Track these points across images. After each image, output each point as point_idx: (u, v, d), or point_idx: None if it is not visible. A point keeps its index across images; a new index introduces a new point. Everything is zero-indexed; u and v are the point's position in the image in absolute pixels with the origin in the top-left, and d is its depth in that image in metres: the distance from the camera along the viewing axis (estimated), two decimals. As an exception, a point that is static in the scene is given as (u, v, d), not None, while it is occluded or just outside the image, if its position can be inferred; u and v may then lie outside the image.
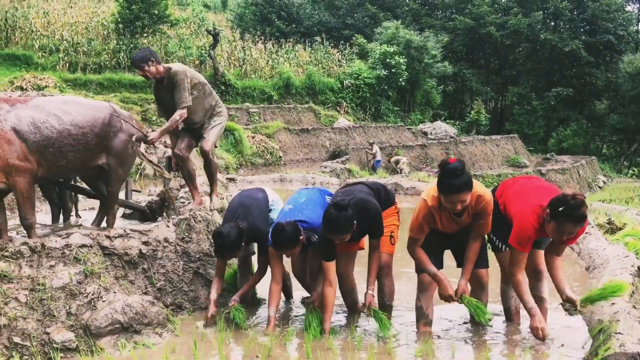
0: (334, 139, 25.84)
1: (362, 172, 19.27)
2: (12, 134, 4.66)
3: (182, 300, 4.72)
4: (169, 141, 6.89)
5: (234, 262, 5.25)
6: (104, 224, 5.90)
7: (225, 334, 4.12)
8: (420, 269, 4.25)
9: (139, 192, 9.07)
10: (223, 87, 25.67)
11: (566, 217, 3.62)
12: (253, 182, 15.15)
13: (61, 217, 6.62)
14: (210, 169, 5.99)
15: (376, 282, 4.42)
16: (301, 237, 4.22)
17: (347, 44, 36.29)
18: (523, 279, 4.01)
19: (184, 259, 4.93)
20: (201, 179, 6.82)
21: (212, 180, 6.13)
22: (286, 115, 26.43)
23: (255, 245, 4.90)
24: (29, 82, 18.80)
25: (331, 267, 4.27)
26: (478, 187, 3.95)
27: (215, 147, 5.96)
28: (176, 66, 5.45)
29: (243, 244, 4.42)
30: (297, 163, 22.95)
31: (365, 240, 4.51)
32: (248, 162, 20.47)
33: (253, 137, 21.82)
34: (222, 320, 4.33)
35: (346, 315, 4.80)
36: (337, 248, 4.30)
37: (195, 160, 8.51)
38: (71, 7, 30.51)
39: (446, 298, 4.13)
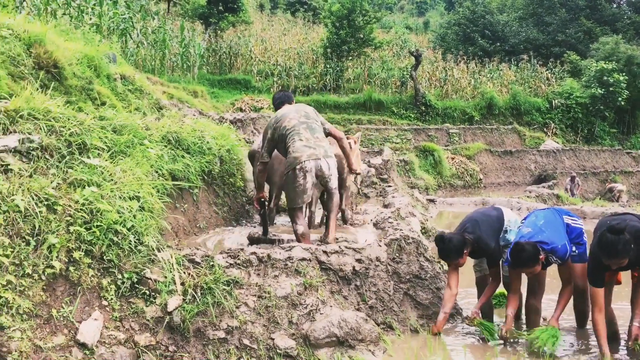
0: (539, 162, 24.35)
1: (573, 199, 17.79)
2: None
3: (392, 320, 4.72)
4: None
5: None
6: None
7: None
8: None
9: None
10: (423, 108, 25.66)
11: None
12: (453, 204, 14.85)
13: None
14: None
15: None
16: (541, 257, 4.37)
17: (557, 61, 34.18)
18: None
19: (394, 279, 4.95)
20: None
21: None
22: (488, 136, 25.57)
23: None
24: (247, 103, 20.75)
25: (600, 293, 4.22)
26: None
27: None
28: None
29: (465, 252, 4.71)
30: (498, 186, 22.02)
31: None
32: (447, 183, 20.15)
33: (453, 159, 21.45)
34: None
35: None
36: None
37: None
38: (285, 35, 33.23)
39: None
